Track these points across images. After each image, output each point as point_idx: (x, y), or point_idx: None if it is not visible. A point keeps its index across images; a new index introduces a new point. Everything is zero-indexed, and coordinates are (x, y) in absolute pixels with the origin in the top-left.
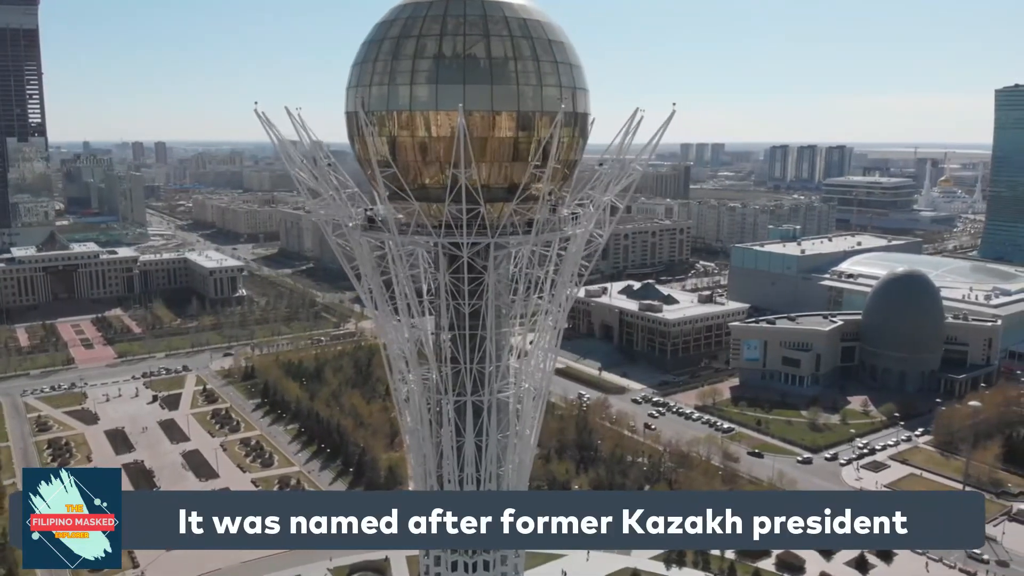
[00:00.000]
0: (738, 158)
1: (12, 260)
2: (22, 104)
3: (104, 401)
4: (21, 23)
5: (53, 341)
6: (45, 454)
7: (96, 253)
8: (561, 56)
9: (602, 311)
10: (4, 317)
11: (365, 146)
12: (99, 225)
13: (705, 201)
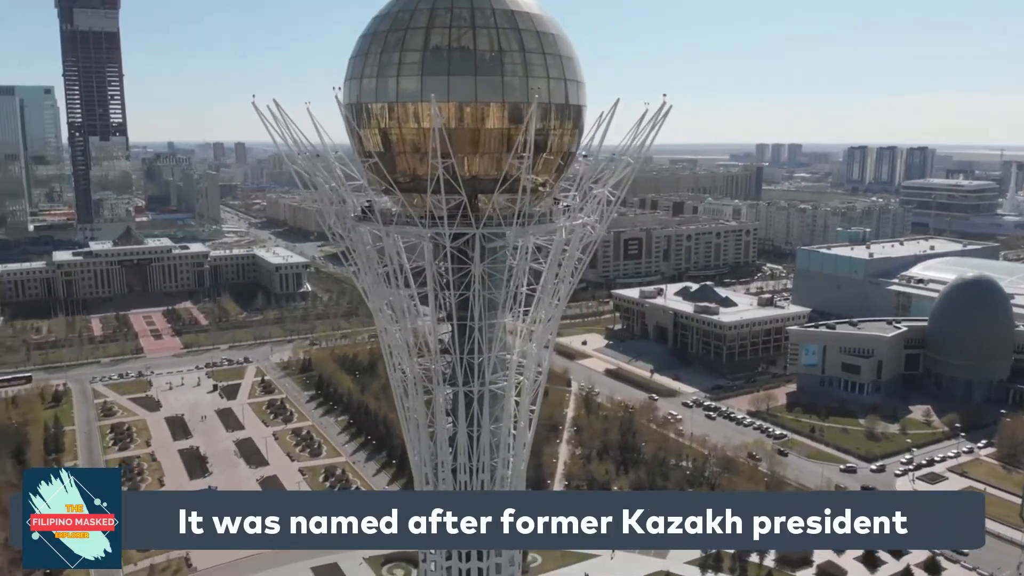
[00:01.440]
0: (816, 159)
1: (90, 254)
2: (104, 105)
3: (167, 389)
4: (103, 26)
5: (124, 331)
6: (108, 438)
7: (169, 248)
8: (550, 48)
9: (656, 312)
10: (81, 307)
11: (359, 139)
12: (176, 222)
13: (775, 202)
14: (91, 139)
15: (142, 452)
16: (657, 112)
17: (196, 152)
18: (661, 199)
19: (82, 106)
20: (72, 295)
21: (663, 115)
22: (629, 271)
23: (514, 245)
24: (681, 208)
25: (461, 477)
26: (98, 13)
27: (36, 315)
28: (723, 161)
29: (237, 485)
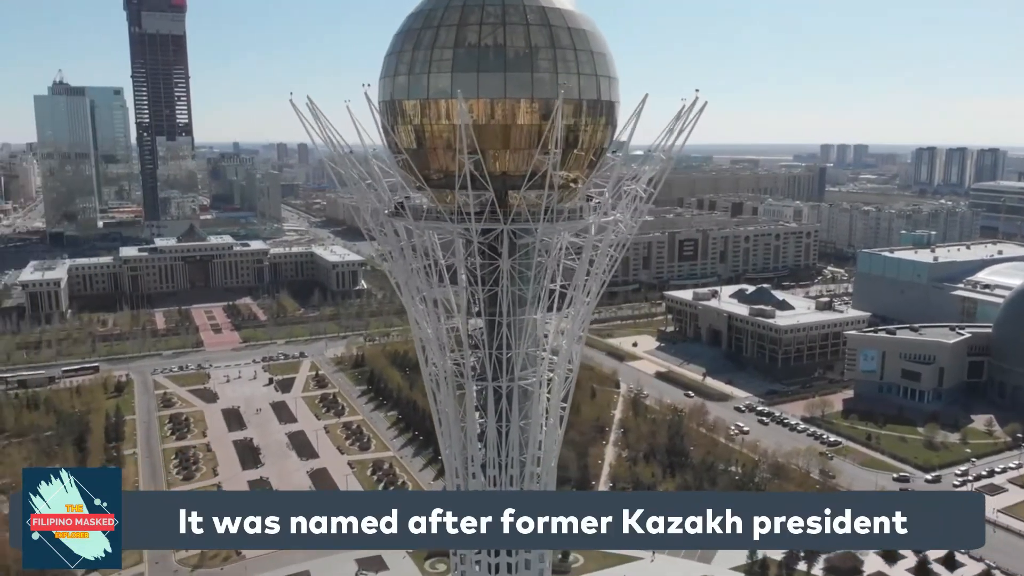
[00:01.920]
0: (882, 160)
1: (155, 250)
2: (171, 105)
3: (225, 382)
4: (169, 29)
5: (186, 325)
6: (166, 428)
7: (230, 245)
8: (582, 44)
9: (710, 315)
10: (145, 302)
11: (394, 135)
12: (239, 220)
13: (837, 204)
14: (158, 139)
15: (198, 442)
16: (690, 108)
17: (260, 152)
18: (720, 200)
19: (150, 107)
20: (137, 289)
21: (698, 111)
22: (684, 272)
23: (543, 241)
24: (740, 209)
25: (490, 472)
26: (165, 16)
27: (103, 308)
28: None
29: (288, 477)
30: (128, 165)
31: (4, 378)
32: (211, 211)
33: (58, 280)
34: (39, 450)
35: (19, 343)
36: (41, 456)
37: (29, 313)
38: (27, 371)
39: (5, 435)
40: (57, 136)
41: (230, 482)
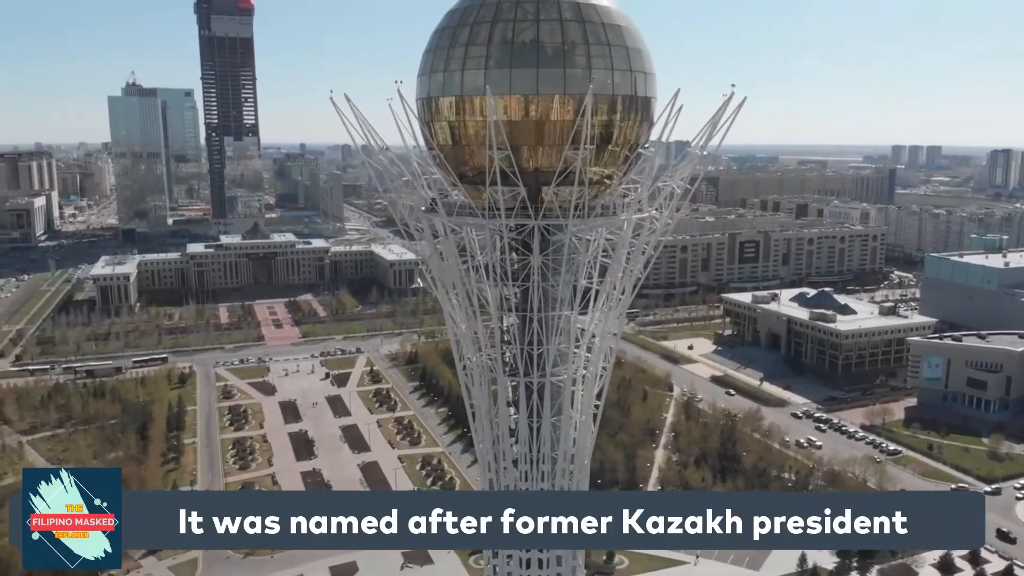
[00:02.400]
0: (956, 162)
1: (220, 246)
2: (238, 107)
3: (283, 375)
4: (237, 32)
5: (248, 320)
6: (225, 419)
7: (292, 243)
8: (616, 39)
9: (769, 318)
10: (210, 297)
11: (430, 132)
12: (302, 219)
13: (906, 207)
14: (226, 139)
15: (255, 433)
16: (725, 104)
17: (326, 154)
18: (784, 201)
19: (218, 108)
20: (203, 285)
21: (736, 108)
22: (744, 275)
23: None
24: (805, 210)
25: (522, 467)
26: (233, 20)
27: (170, 302)
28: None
29: (340, 469)
30: (198, 165)
31: (73, 367)
32: (276, 210)
33: (128, 275)
34: (103, 437)
35: (89, 334)
36: (104, 443)
37: (99, 306)
38: (95, 361)
39: (72, 422)
40: (130, 136)
41: (284, 472)
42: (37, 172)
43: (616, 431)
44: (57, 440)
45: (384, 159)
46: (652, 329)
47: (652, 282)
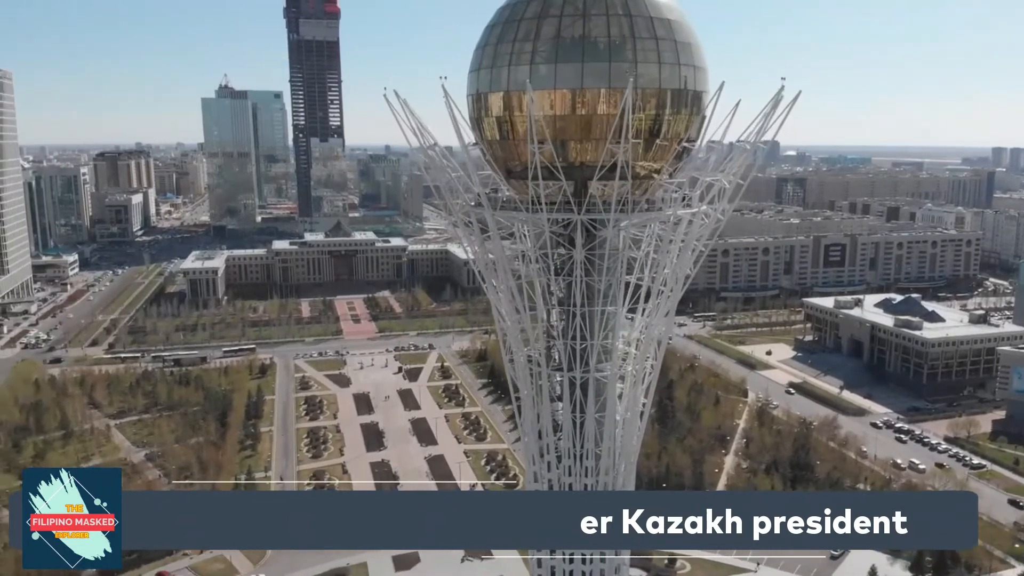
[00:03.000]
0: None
1: (304, 244)
2: (324, 108)
3: (358, 369)
4: (324, 35)
5: (328, 315)
6: (301, 409)
7: (372, 241)
8: (665, 33)
9: (852, 324)
10: (293, 292)
11: (480, 128)
12: (384, 218)
13: (1004, 211)
14: (312, 140)
15: (328, 423)
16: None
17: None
18: (874, 204)
19: (305, 110)
20: (287, 280)
21: (791, 101)
22: (829, 279)
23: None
24: (896, 214)
25: (566, 462)
26: (320, 23)
27: (255, 296)
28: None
29: (407, 460)
30: (286, 165)
31: (162, 356)
32: (359, 209)
33: (216, 269)
34: (185, 423)
35: (178, 325)
36: (186, 428)
37: (189, 298)
38: (183, 351)
39: (157, 408)
40: (221, 136)
41: (354, 462)
42: (136, 170)
43: (685, 436)
44: (143, 424)
45: (435, 155)
46: (729, 333)
47: (732, 285)
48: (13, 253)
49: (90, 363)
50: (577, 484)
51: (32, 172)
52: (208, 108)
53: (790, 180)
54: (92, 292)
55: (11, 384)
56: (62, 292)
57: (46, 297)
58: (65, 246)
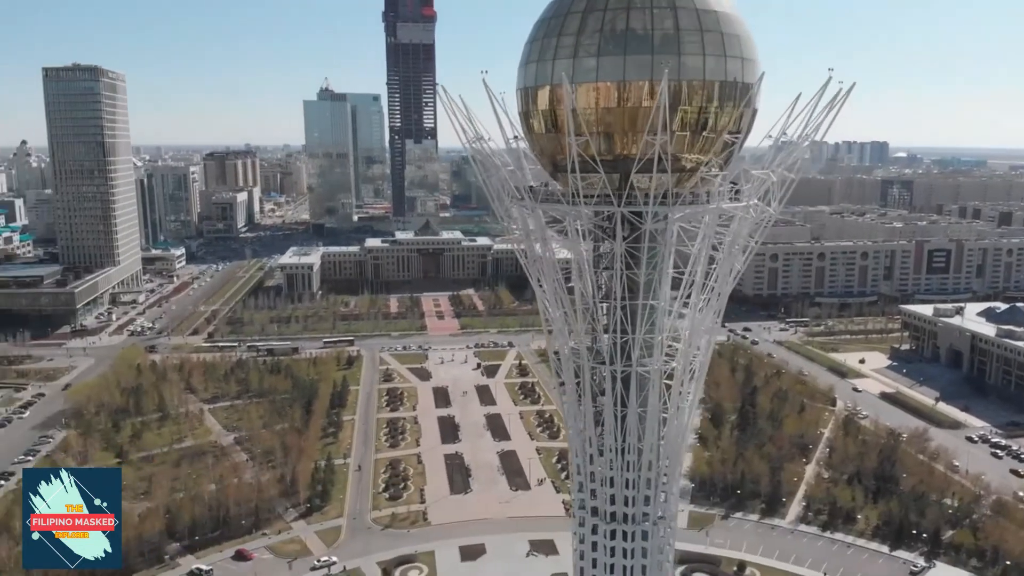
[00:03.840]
0: None
1: (395, 242)
2: (419, 111)
3: (439, 363)
4: (420, 39)
5: (414, 310)
6: (383, 400)
7: (459, 240)
8: (710, 25)
9: (951, 333)
10: (383, 287)
11: (528, 122)
12: (473, 218)
13: None
14: (407, 142)
15: (407, 415)
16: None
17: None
18: (986, 208)
19: (401, 112)
20: (378, 276)
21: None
22: (932, 286)
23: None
24: (1008, 219)
25: (608, 455)
26: (417, 27)
27: (348, 291)
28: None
29: (479, 454)
30: (383, 166)
31: (256, 346)
32: (450, 209)
33: (311, 265)
34: (273, 410)
35: (273, 317)
36: (274, 415)
37: (285, 292)
38: (276, 341)
39: (249, 395)
40: (321, 138)
41: (429, 452)
42: (242, 170)
43: (764, 443)
44: (234, 409)
45: (485, 149)
46: (822, 340)
47: (828, 290)
48: (124, 246)
49: (189, 351)
50: (619, 478)
51: (144, 170)
52: (309, 110)
53: (896, 182)
54: (196, 284)
55: (115, 369)
56: (168, 284)
57: (153, 288)
58: (174, 241)
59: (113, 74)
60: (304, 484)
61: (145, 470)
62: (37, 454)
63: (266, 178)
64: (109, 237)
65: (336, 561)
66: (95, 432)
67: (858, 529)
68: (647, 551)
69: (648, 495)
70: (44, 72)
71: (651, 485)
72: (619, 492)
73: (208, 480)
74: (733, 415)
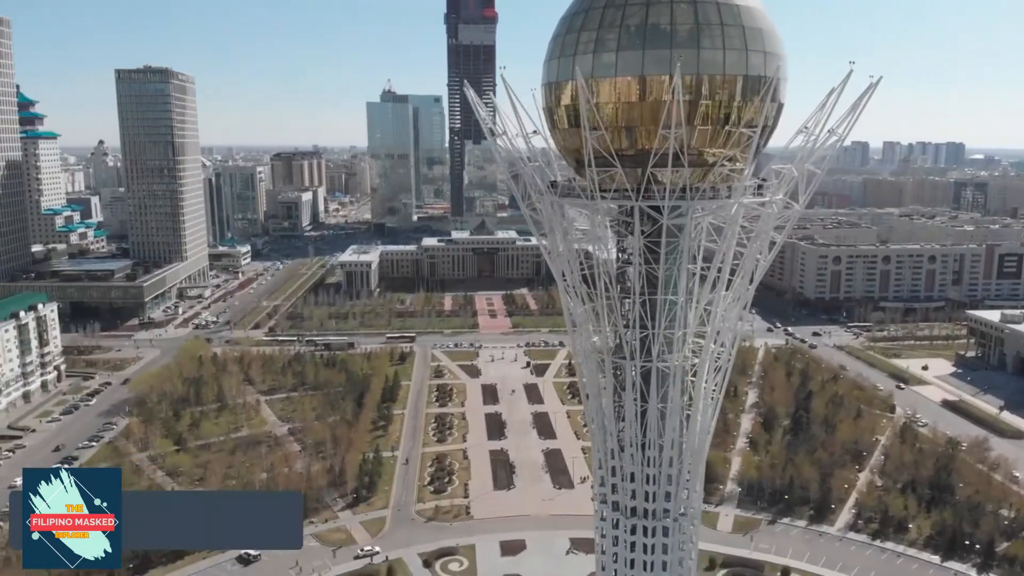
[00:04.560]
0: None
1: (450, 241)
2: None
3: (489, 361)
4: (481, 40)
5: (468, 308)
6: (432, 395)
7: (513, 240)
8: (731, 19)
9: (1018, 340)
10: (439, 286)
11: (553, 117)
12: None
13: None
14: (466, 143)
15: (456, 410)
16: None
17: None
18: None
19: (461, 113)
20: (434, 275)
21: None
22: (1003, 292)
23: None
24: None
25: (629, 449)
26: (478, 28)
27: (404, 289)
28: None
29: (525, 451)
30: (444, 167)
31: (314, 341)
32: (508, 209)
33: (370, 263)
34: (326, 401)
35: (331, 313)
36: (327, 407)
37: (344, 289)
38: (334, 336)
39: (304, 387)
40: (384, 139)
41: (475, 448)
42: (308, 170)
43: (816, 449)
44: (289, 401)
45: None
46: (884, 345)
47: (893, 294)
48: (192, 242)
49: (250, 344)
50: (640, 473)
51: (212, 170)
52: (372, 112)
53: (970, 184)
54: (260, 280)
55: (178, 360)
56: (234, 280)
57: (219, 283)
58: (240, 238)
59: (183, 76)
60: (352, 475)
61: (201, 457)
62: (100, 440)
63: (331, 178)
64: (177, 234)
65: (379, 551)
66: (156, 420)
67: (909, 538)
68: (668, 547)
69: (669, 491)
70: (116, 74)
71: (672, 481)
72: (640, 487)
73: (260, 469)
74: (786, 420)
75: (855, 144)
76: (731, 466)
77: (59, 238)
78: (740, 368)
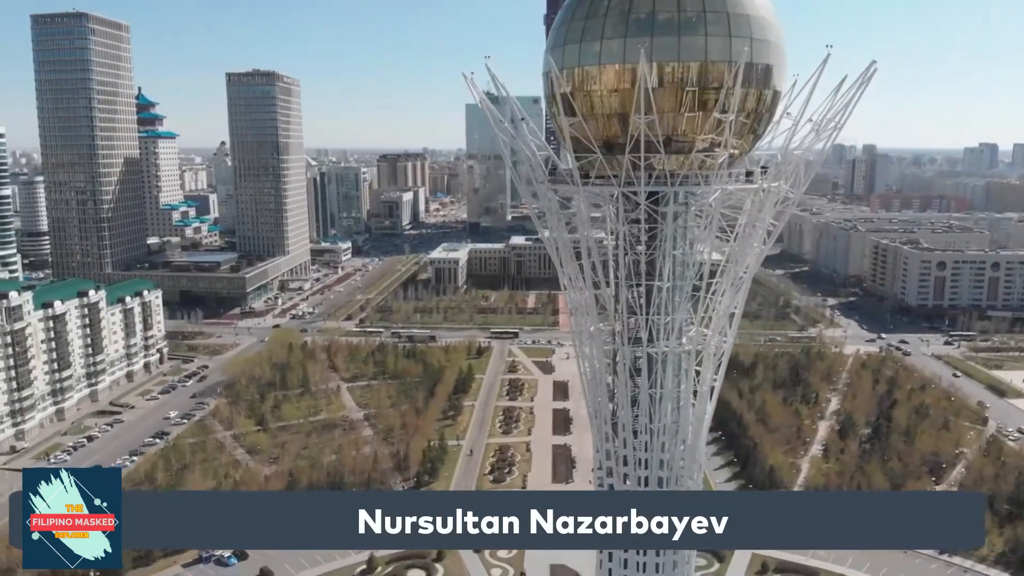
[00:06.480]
0: None
1: (537, 240)
2: None
3: (564, 358)
4: None
5: (549, 307)
6: (504, 389)
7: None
8: (716, 6)
9: None
10: (524, 284)
11: (553, 105)
12: None
13: None
14: None
15: (525, 404)
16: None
17: None
18: None
19: None
20: (520, 273)
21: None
22: None
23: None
24: None
25: (622, 434)
26: None
27: (490, 286)
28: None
29: (587, 447)
30: None
31: (399, 332)
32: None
33: (458, 260)
34: (401, 390)
35: (417, 307)
36: (402, 395)
37: (433, 285)
38: (418, 329)
39: (383, 376)
40: (481, 140)
41: (538, 442)
42: (412, 171)
43: (890, 458)
44: (367, 389)
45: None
46: (985, 356)
47: (1002, 303)
48: (294, 237)
49: (340, 334)
50: (632, 457)
51: (317, 169)
52: (471, 114)
53: None
54: (358, 275)
55: (269, 347)
56: (333, 274)
57: (319, 277)
58: (344, 235)
59: (288, 79)
60: (416, 461)
61: (280, 438)
62: (191, 418)
63: (435, 179)
64: (280, 229)
65: None
66: (243, 401)
67: (980, 554)
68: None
69: (661, 476)
70: (227, 77)
71: (665, 467)
72: (632, 472)
73: (331, 450)
74: (865, 428)
75: (982, 146)
76: (799, 473)
77: (175, 232)
78: (825, 374)
